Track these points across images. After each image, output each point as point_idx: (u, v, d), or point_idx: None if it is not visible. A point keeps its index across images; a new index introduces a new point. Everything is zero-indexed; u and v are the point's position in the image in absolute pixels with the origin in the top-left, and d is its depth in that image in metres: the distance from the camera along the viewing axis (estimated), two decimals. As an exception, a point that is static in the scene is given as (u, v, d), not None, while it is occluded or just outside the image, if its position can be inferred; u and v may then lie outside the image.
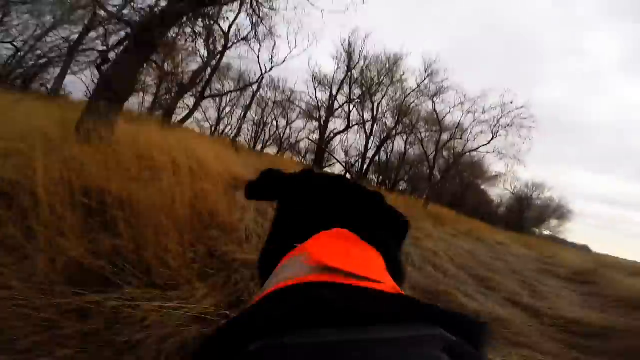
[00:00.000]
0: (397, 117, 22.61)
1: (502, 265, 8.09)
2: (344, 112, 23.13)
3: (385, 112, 23.25)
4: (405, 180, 31.26)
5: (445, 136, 22.08)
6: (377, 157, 25.44)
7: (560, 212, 37.37)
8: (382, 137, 23.36)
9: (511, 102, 20.19)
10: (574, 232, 38.16)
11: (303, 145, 29.31)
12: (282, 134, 27.93)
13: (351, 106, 22.50)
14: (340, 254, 0.50)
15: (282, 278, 0.48)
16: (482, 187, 34.55)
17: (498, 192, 37.00)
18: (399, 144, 27.58)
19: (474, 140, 21.42)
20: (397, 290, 0.49)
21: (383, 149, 25.70)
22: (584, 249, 38.58)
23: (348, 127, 22.12)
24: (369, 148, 22.87)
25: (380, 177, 28.72)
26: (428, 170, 23.06)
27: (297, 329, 0.33)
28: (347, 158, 27.39)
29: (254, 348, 0.31)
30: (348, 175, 26.40)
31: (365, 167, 22.77)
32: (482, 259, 8.16)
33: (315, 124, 23.78)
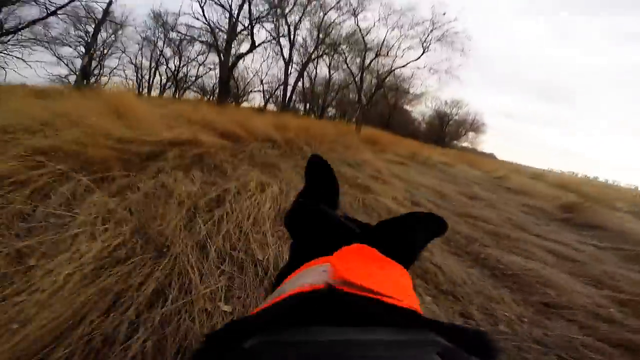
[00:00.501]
0: (317, 38, 18.25)
1: (482, 204, 5.45)
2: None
3: (302, 33, 18.66)
4: (332, 106, 27.74)
5: (370, 56, 18.58)
6: (300, 84, 21.40)
7: (475, 126, 37.78)
8: (303, 61, 19.06)
9: (444, 14, 17.03)
10: (483, 143, 39.29)
11: (208, 80, 23.12)
12: (176, 72, 21.36)
13: (258, 26, 16.93)
14: (361, 271, 0.42)
15: (297, 285, 0.41)
16: (405, 107, 33.09)
17: (420, 110, 36.54)
18: (322, 69, 23.72)
19: (402, 56, 18.30)
20: (414, 308, 0.41)
21: (306, 74, 21.60)
22: (492, 156, 40.91)
23: (253, 47, 16.41)
24: (289, 74, 18.51)
25: (308, 105, 24.75)
26: (356, 93, 19.64)
27: (295, 327, 0.31)
28: (264, 87, 22.56)
29: (250, 345, 0.30)
30: (269, 105, 22.43)
31: (288, 95, 18.59)
32: (460, 199, 5.47)
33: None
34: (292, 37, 17.90)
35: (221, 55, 15.28)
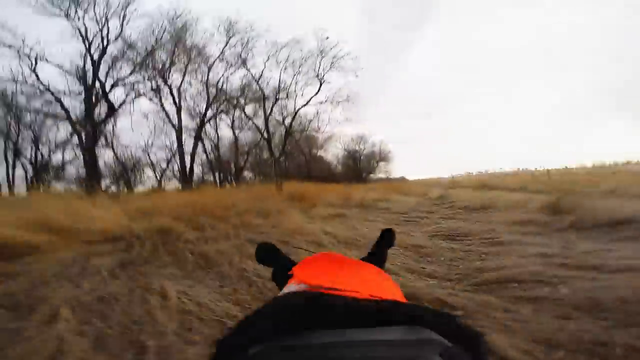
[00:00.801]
0: (207, 96, 16.16)
1: (477, 243, 3.40)
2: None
3: (191, 92, 16.40)
4: (247, 169, 25.31)
5: (271, 104, 17.08)
6: (204, 152, 18.77)
7: (383, 155, 38.82)
8: (197, 124, 16.53)
9: (327, 38, 16.46)
10: (393, 170, 40.36)
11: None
12: (35, 161, 15.73)
13: (122, 88, 13.79)
14: (324, 272, 0.45)
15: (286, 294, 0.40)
16: (319, 153, 32.66)
17: (333, 153, 36.44)
18: (223, 130, 21.47)
19: (302, 95, 17.18)
20: (397, 299, 0.40)
21: (208, 140, 19.10)
22: (403, 179, 42.37)
23: (112, 110, 13.11)
24: (182, 142, 15.76)
25: (219, 175, 21.85)
26: (267, 149, 17.72)
27: (295, 332, 0.30)
28: (153, 162, 18.81)
29: (254, 352, 0.29)
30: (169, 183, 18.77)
31: (188, 166, 15.60)
32: (441, 247, 3.39)
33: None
34: (177, 99, 15.41)
35: (76, 127, 11.73)
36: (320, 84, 16.79)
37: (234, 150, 21.33)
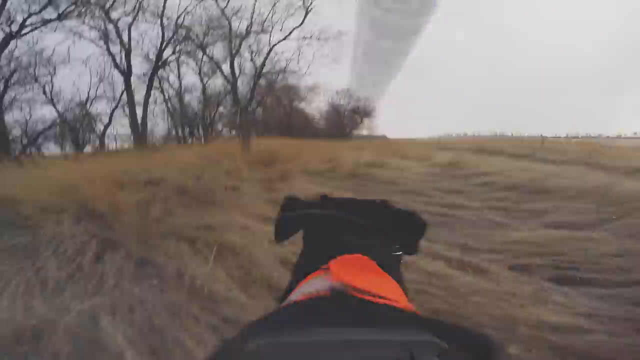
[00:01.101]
0: (162, 32, 12.72)
1: None
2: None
3: (143, 28, 12.83)
4: (218, 122, 22.11)
5: (239, 42, 13.65)
6: (163, 105, 15.66)
7: (367, 112, 35.83)
8: (152, 69, 13.14)
9: None
10: (377, 127, 37.45)
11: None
12: None
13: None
14: (359, 276, 0.44)
15: (305, 292, 0.42)
16: (300, 105, 29.46)
17: (315, 107, 33.13)
18: (191, 79, 18.18)
19: (281, 29, 13.66)
20: (412, 308, 0.42)
21: (169, 88, 15.90)
22: (384, 138, 39.77)
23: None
24: (132, 88, 12.53)
25: (183, 130, 18.68)
26: (238, 97, 14.65)
27: (297, 328, 0.30)
28: (94, 118, 15.47)
29: (252, 346, 0.28)
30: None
31: (140, 119, 12.51)
32: None
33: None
34: (125, 40, 11.96)
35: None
36: (306, 13, 13.14)
37: (202, 100, 18.13)
